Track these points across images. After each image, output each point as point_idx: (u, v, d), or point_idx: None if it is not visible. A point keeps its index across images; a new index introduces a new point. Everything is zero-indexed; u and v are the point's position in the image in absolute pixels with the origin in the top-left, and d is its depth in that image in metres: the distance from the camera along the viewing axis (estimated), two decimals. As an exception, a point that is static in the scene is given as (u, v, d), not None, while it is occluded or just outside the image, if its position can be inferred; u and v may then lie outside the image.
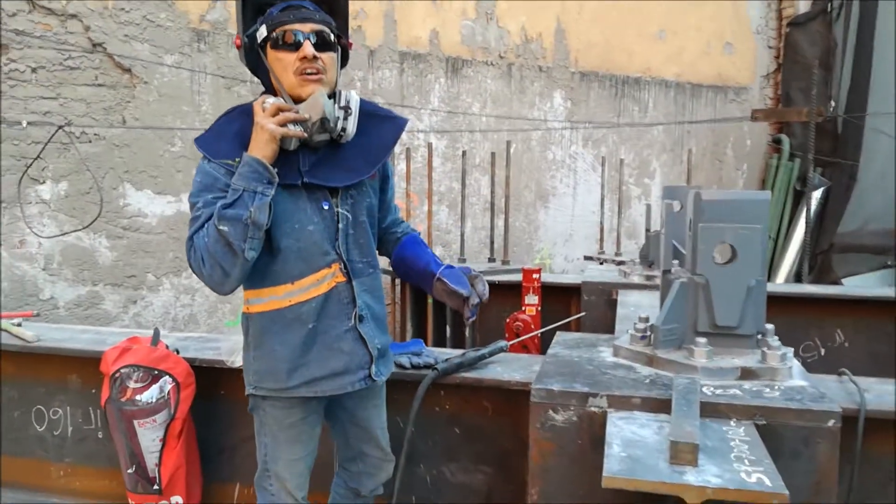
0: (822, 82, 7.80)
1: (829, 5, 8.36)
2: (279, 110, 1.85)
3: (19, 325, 3.04)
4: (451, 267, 2.16)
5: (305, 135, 1.88)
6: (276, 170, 1.84)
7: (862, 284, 7.95)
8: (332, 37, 1.94)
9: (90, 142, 4.84)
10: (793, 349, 1.96)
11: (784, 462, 1.56)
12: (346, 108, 1.93)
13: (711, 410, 1.67)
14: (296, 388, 1.97)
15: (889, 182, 7.97)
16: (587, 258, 6.12)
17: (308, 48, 1.86)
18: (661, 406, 1.71)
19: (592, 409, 1.76)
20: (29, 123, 4.59)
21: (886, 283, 8.04)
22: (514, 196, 6.60)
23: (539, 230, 7.21)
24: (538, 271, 4.24)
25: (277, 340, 1.96)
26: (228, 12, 5.35)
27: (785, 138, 8.55)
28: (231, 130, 1.95)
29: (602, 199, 5.93)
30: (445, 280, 2.10)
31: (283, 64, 1.89)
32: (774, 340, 1.93)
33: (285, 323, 1.95)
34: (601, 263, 5.50)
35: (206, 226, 1.84)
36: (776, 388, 1.80)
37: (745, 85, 8.62)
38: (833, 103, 8.26)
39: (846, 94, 8.26)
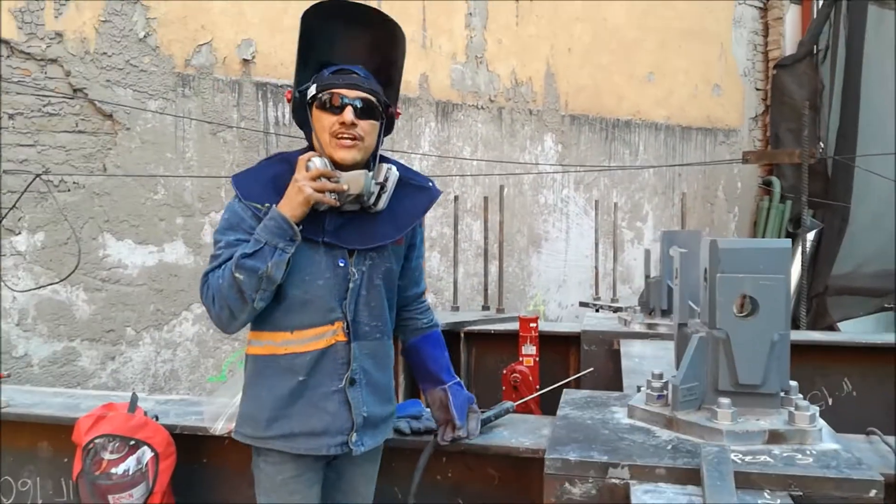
0: (810, 124, 7.82)
1: (815, 47, 8.44)
2: (321, 176, 1.86)
3: (-12, 387, 2.86)
4: (461, 386, 2.20)
5: (338, 204, 1.91)
6: (300, 227, 1.87)
7: (857, 328, 7.87)
8: (379, 105, 1.97)
9: (69, 190, 4.69)
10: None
11: (824, 535, 1.44)
12: (383, 185, 1.98)
13: (743, 480, 1.55)
14: (272, 439, 1.94)
15: (882, 223, 7.95)
16: (582, 304, 6.01)
17: (348, 115, 1.89)
18: (688, 477, 1.59)
19: (613, 480, 1.63)
20: (5, 172, 4.44)
21: (883, 327, 7.97)
22: (507, 241, 6.50)
23: (532, 276, 7.10)
24: (535, 320, 4.10)
25: (266, 386, 1.95)
26: (214, 57, 5.27)
27: (776, 180, 8.55)
28: (268, 174, 2.00)
29: (596, 243, 5.83)
30: (449, 396, 2.14)
31: (322, 124, 1.93)
32: (801, 399, 1.81)
33: (278, 370, 1.94)
34: (597, 310, 5.39)
35: (223, 267, 1.88)
36: (808, 452, 1.68)
37: (734, 127, 8.65)
38: (822, 145, 8.28)
39: (835, 135, 8.30)
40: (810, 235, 7.95)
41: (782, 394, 1.84)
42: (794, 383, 1.85)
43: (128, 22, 4.87)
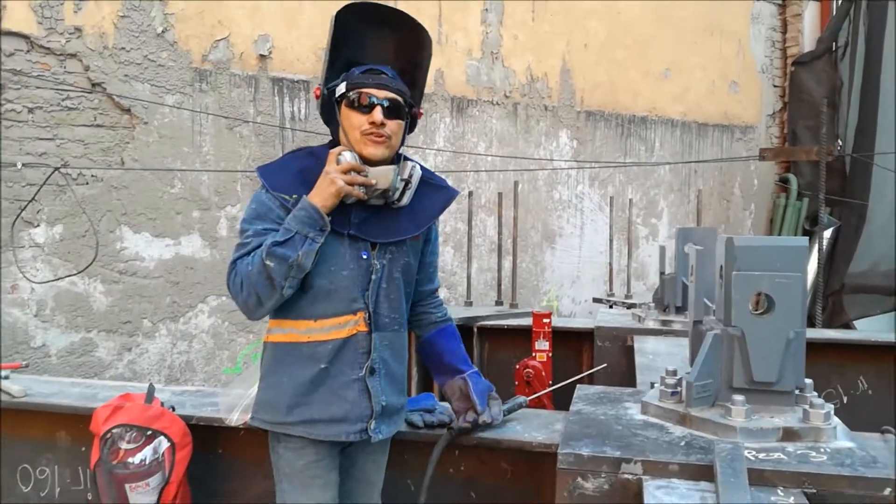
0: (829, 121, 7.75)
1: (834, 44, 8.36)
2: (352, 170, 1.92)
3: (7, 377, 2.89)
4: (479, 375, 2.22)
5: (365, 197, 1.96)
6: (329, 219, 1.92)
7: (874, 326, 7.80)
8: (405, 105, 2.03)
9: (87, 183, 4.73)
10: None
11: (837, 533, 1.43)
12: (408, 181, 2.03)
13: (756, 477, 1.55)
14: (292, 424, 1.98)
15: (896, 221, 7.87)
16: (596, 300, 5.99)
17: (378, 114, 1.95)
18: (701, 473, 1.58)
19: (626, 476, 1.63)
20: (24, 165, 4.48)
21: (899, 325, 7.89)
22: (521, 237, 6.49)
23: (546, 271, 7.09)
24: (549, 315, 4.10)
25: (287, 373, 1.99)
26: (231, 52, 5.29)
27: (793, 177, 8.49)
28: (295, 167, 2.04)
29: (611, 240, 5.81)
30: (469, 384, 2.16)
31: (352, 122, 1.98)
32: (815, 397, 1.80)
33: (300, 357, 1.98)
34: (611, 306, 5.38)
35: (252, 254, 1.92)
36: (822, 450, 1.67)
37: (751, 124, 8.59)
38: (840, 142, 8.21)
39: (853, 133, 8.21)
40: (827, 233, 7.88)
41: (797, 391, 1.83)
42: (808, 381, 1.84)
43: (146, 17, 4.91)
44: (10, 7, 4.44)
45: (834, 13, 8.61)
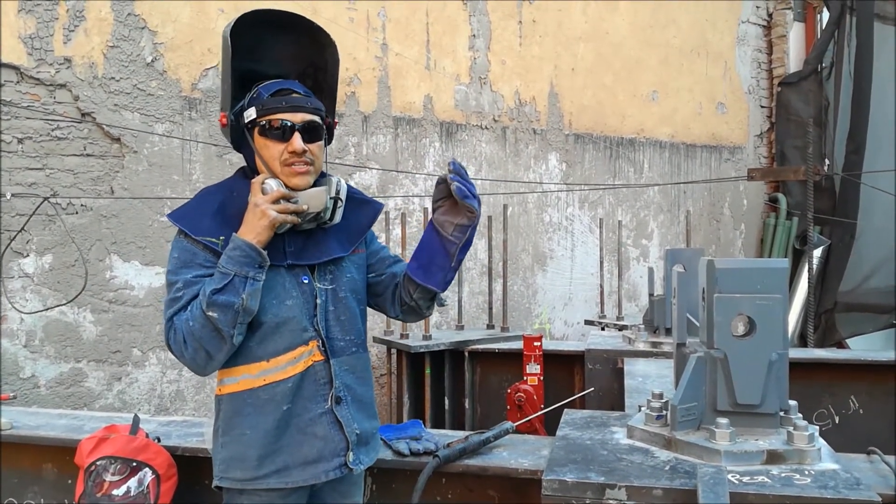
0: (816, 140, 7.81)
1: (820, 65, 8.45)
2: (282, 198, 1.82)
3: (-6, 409, 2.87)
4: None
5: (299, 221, 1.87)
6: (266, 252, 1.80)
7: (867, 345, 7.82)
8: (322, 123, 1.92)
9: (77, 213, 4.73)
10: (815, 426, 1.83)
11: (821, 557, 1.43)
12: (337, 199, 1.93)
13: (739, 501, 1.55)
14: (265, 477, 1.84)
15: (888, 239, 7.91)
16: (588, 322, 6.01)
17: (297, 142, 1.83)
18: (685, 498, 1.59)
19: (610, 501, 1.63)
20: (13, 195, 4.48)
21: (893, 343, 7.91)
22: (512, 259, 6.51)
23: (537, 294, 7.09)
24: (539, 338, 4.11)
25: (248, 423, 1.85)
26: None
27: (782, 197, 8.53)
28: (212, 206, 1.91)
29: (601, 261, 5.83)
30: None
31: (271, 153, 1.86)
32: (799, 419, 1.81)
33: (258, 404, 1.85)
34: (602, 328, 5.39)
35: (189, 307, 1.78)
36: (806, 472, 1.67)
37: (739, 144, 8.65)
38: (827, 161, 8.27)
39: (841, 151, 8.27)
40: (817, 252, 7.91)
41: (781, 413, 1.83)
42: (793, 403, 1.84)
43: (135, 47, 4.94)
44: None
45: (819, 35, 8.70)
